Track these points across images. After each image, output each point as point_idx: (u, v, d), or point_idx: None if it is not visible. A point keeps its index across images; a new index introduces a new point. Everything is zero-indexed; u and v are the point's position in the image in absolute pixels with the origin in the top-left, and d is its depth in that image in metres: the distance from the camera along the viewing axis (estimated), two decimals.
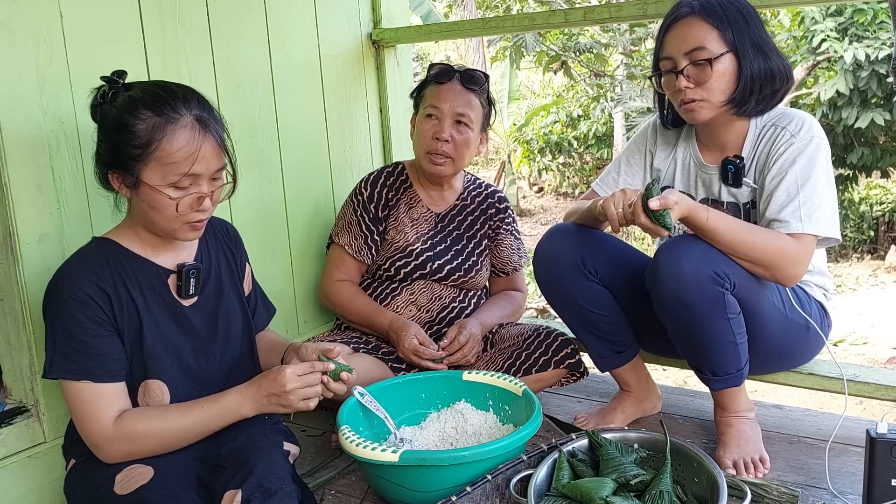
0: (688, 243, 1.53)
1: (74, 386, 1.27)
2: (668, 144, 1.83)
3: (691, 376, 4.78)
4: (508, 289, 2.22)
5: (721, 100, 1.59)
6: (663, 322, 1.62)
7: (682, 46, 1.58)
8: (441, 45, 15.24)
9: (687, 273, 1.50)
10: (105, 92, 1.29)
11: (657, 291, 1.56)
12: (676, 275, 1.51)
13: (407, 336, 1.89)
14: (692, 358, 1.66)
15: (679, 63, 1.59)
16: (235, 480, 1.20)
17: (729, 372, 1.61)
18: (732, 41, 1.56)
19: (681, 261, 1.51)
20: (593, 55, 11.10)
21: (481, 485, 1.40)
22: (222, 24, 1.90)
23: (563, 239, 1.74)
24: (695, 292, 1.50)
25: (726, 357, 1.59)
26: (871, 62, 7.28)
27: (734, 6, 1.57)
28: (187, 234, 1.35)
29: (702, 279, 1.49)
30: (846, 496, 1.51)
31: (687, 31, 1.58)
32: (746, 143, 1.67)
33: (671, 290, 1.52)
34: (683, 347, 1.65)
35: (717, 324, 1.54)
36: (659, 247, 1.58)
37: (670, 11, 1.63)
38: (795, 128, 1.59)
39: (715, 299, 1.51)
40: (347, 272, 2.08)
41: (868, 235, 10.12)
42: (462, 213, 2.14)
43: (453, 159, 1.99)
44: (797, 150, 1.57)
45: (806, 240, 1.54)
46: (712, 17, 1.56)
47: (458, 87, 1.99)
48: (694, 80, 1.58)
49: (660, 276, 1.54)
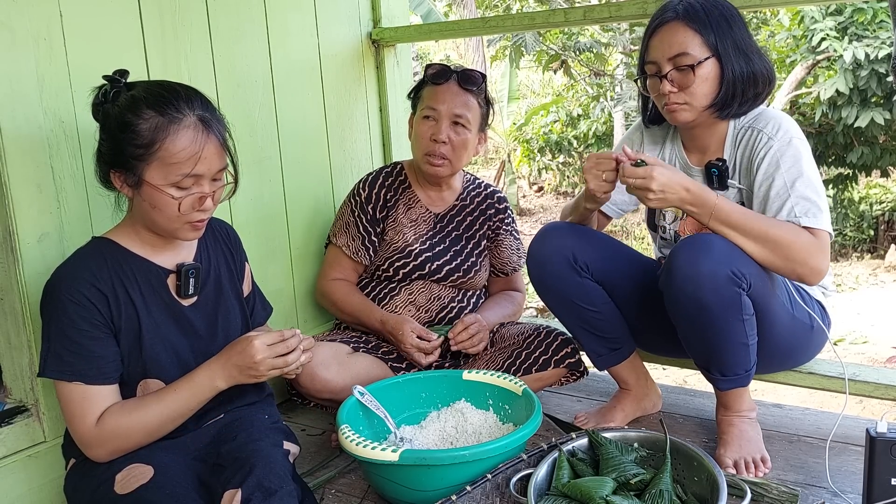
0: (705, 243, 1.51)
1: (66, 386, 1.27)
2: (655, 144, 1.84)
3: (691, 375, 4.78)
4: (508, 289, 2.22)
5: (704, 104, 1.61)
6: (675, 322, 1.61)
7: (666, 52, 1.59)
8: (441, 45, 15.25)
9: (706, 274, 1.48)
10: (107, 91, 1.29)
11: (673, 292, 1.54)
12: (694, 276, 1.49)
13: (405, 335, 1.89)
14: (701, 358, 1.65)
15: (663, 68, 1.61)
16: (235, 480, 1.20)
17: (738, 373, 1.60)
18: (715, 46, 1.57)
19: (699, 261, 1.49)
20: (593, 54, 11.11)
21: (481, 484, 1.40)
22: (222, 24, 1.90)
23: (553, 237, 1.75)
24: (713, 294, 1.49)
25: (737, 358, 1.58)
26: (870, 61, 7.27)
27: (717, 10, 1.59)
28: (188, 234, 1.35)
29: (720, 280, 1.48)
30: (846, 495, 1.51)
31: (671, 36, 1.59)
32: (726, 145, 1.68)
33: (689, 292, 1.51)
34: (693, 347, 1.64)
35: (733, 325, 1.53)
36: (674, 246, 1.57)
37: (655, 15, 1.64)
38: (773, 129, 1.60)
39: (732, 301, 1.50)
40: (343, 272, 2.08)
41: (868, 235, 10.12)
42: (461, 213, 2.13)
43: (451, 160, 1.99)
44: (778, 152, 1.57)
45: (816, 233, 1.53)
46: (695, 23, 1.57)
47: (456, 88, 1.98)
48: (677, 84, 1.60)
49: (676, 277, 1.52)
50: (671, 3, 1.62)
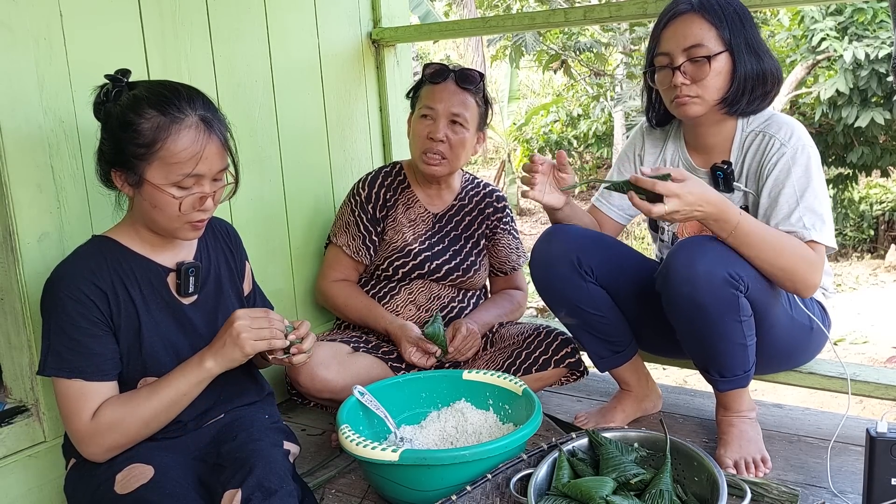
0: (701, 244, 1.51)
1: (65, 383, 1.27)
2: (656, 147, 1.84)
3: (691, 375, 4.78)
4: (508, 288, 2.22)
5: (715, 98, 1.60)
6: (673, 323, 1.61)
7: (682, 42, 1.58)
8: (441, 45, 15.25)
9: (701, 275, 1.48)
10: (109, 90, 1.29)
11: (670, 293, 1.55)
12: (691, 277, 1.49)
13: (404, 350, 1.90)
14: (700, 359, 1.65)
15: (676, 59, 1.59)
16: (235, 480, 1.20)
17: (736, 373, 1.60)
18: (729, 40, 1.57)
19: (695, 262, 1.49)
20: (593, 54, 11.10)
21: (481, 484, 1.40)
22: (222, 24, 1.90)
23: (558, 239, 1.74)
24: (709, 295, 1.49)
25: (735, 359, 1.58)
26: (870, 61, 7.27)
27: (731, 6, 1.58)
28: (188, 234, 1.35)
29: (716, 282, 1.48)
30: (846, 495, 1.51)
31: (686, 27, 1.58)
32: (733, 148, 1.68)
33: (685, 293, 1.51)
34: (692, 348, 1.64)
35: (730, 326, 1.53)
36: (672, 248, 1.57)
37: (668, 7, 1.64)
38: (785, 136, 1.60)
39: (729, 302, 1.50)
40: (344, 272, 2.08)
41: (868, 235, 10.12)
42: (460, 213, 2.13)
43: (448, 159, 1.99)
44: (790, 160, 1.57)
45: (817, 248, 1.54)
46: (711, 15, 1.57)
47: (453, 87, 1.98)
48: (690, 76, 1.59)
49: (673, 279, 1.52)
50: None
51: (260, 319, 1.32)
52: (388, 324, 1.96)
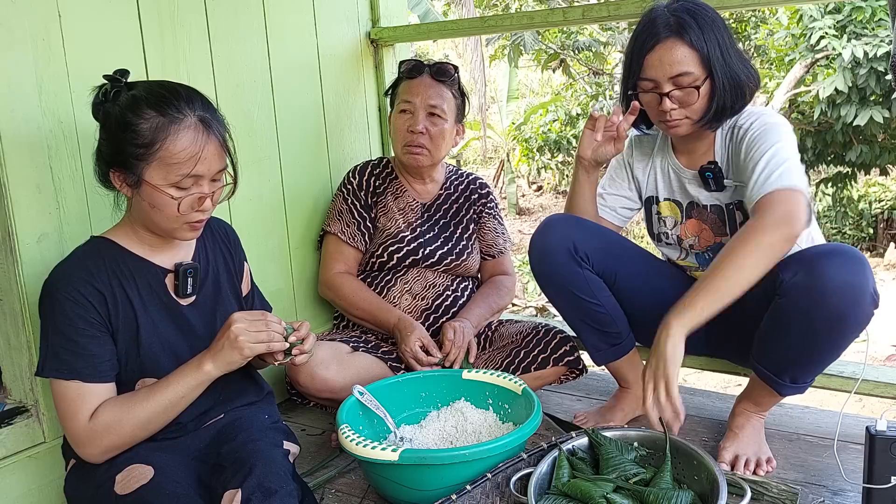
0: (857, 256, 1.45)
1: (63, 384, 1.27)
2: (644, 155, 1.85)
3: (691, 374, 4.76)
4: (497, 273, 2.24)
5: (700, 118, 1.62)
6: (788, 325, 1.50)
7: (668, 71, 1.58)
8: (439, 44, 15.25)
9: (859, 289, 1.43)
10: (108, 90, 1.29)
11: (816, 298, 1.44)
12: (846, 288, 1.42)
13: (409, 341, 1.89)
14: (783, 363, 1.56)
15: (663, 86, 1.59)
16: (235, 480, 1.20)
17: (807, 381, 1.58)
18: (709, 62, 1.56)
19: (852, 274, 1.42)
20: (592, 53, 11.10)
21: (481, 483, 1.41)
22: (221, 24, 1.89)
23: (555, 227, 1.75)
24: (856, 308, 1.44)
25: (821, 369, 1.55)
26: (869, 59, 7.26)
27: (705, 18, 1.57)
28: (186, 234, 1.35)
29: (867, 298, 1.43)
30: (846, 493, 1.51)
31: (669, 55, 1.57)
32: (717, 147, 1.70)
33: (833, 303, 1.43)
34: (783, 353, 1.55)
35: (850, 340, 1.49)
36: (823, 251, 1.48)
37: (644, 31, 1.60)
38: (750, 121, 1.62)
39: (868, 319, 1.48)
40: (346, 262, 2.09)
41: (867, 233, 10.13)
42: (447, 201, 2.18)
43: (430, 150, 2.03)
44: (753, 136, 1.58)
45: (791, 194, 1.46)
46: (691, 36, 1.55)
47: (429, 80, 2.04)
48: (678, 101, 1.60)
49: (825, 286, 1.43)
50: (660, 18, 1.59)
51: (258, 322, 1.32)
52: (398, 318, 1.96)
